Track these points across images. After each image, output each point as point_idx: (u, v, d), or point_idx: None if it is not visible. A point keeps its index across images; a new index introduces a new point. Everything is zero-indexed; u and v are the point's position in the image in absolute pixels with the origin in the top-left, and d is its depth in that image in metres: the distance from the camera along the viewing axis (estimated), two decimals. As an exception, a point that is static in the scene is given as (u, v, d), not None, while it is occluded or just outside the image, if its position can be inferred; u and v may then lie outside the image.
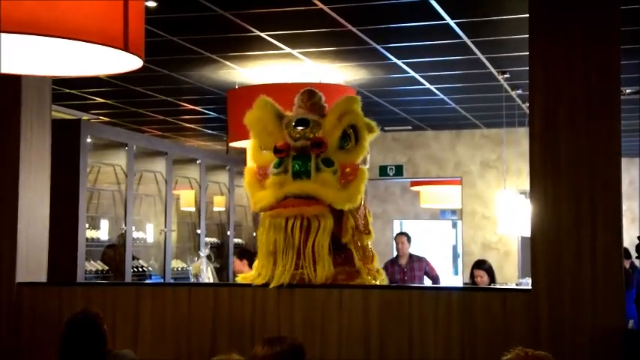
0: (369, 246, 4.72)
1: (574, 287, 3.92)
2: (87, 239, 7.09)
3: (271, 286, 4.39)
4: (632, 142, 11.00)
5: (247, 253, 7.59)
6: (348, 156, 4.53)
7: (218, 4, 5.91)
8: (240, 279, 4.72)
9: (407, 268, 8.87)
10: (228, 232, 9.66)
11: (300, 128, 4.53)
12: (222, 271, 9.35)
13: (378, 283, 4.67)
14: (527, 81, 4.16)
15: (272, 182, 4.47)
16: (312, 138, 4.48)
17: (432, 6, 5.90)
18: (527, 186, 4.22)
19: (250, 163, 4.79)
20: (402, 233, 9.38)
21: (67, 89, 8.84)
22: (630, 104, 8.56)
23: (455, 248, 16.54)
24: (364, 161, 4.65)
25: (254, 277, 4.52)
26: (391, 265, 9.04)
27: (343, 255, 4.54)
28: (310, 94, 4.73)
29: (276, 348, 3.14)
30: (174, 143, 11.00)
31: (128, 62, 2.85)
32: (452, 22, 6.32)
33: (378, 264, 4.79)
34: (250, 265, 7.23)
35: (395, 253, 9.60)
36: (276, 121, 4.60)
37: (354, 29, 6.51)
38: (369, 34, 6.69)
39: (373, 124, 4.67)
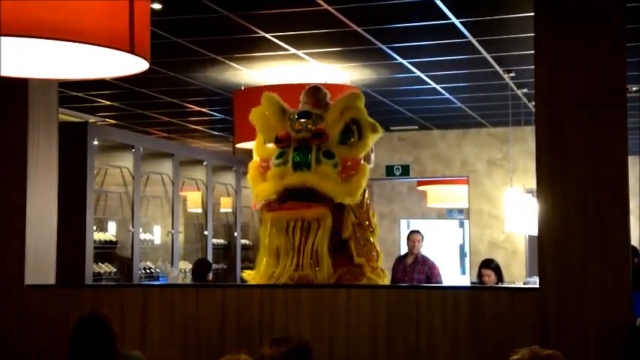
0: (374, 244, 4.74)
1: (581, 285, 3.91)
2: (95, 241, 7.10)
3: (266, 281, 4.52)
4: (635, 140, 10.97)
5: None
6: (350, 150, 4.56)
7: (223, 6, 5.92)
8: (245, 274, 4.83)
9: (410, 268, 8.79)
10: (235, 233, 9.66)
11: (302, 120, 4.56)
12: (230, 271, 9.37)
13: (380, 282, 4.68)
14: (533, 79, 4.16)
15: (273, 174, 4.51)
16: (313, 129, 4.51)
17: (437, 5, 5.90)
18: (534, 184, 4.22)
19: (255, 158, 4.84)
20: (417, 231, 9.12)
21: (73, 92, 8.86)
22: (633, 102, 8.53)
23: (462, 247, 16.51)
24: (368, 160, 4.67)
25: (254, 274, 4.62)
26: (398, 261, 8.97)
27: (346, 254, 4.56)
28: (315, 90, 4.79)
29: (284, 347, 3.14)
30: (181, 145, 11.00)
31: (134, 64, 2.85)
32: (457, 22, 6.32)
33: (382, 263, 4.79)
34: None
35: (404, 251, 9.53)
36: (279, 115, 4.65)
37: (359, 29, 6.51)
38: (374, 34, 6.69)
39: (377, 124, 4.69)
